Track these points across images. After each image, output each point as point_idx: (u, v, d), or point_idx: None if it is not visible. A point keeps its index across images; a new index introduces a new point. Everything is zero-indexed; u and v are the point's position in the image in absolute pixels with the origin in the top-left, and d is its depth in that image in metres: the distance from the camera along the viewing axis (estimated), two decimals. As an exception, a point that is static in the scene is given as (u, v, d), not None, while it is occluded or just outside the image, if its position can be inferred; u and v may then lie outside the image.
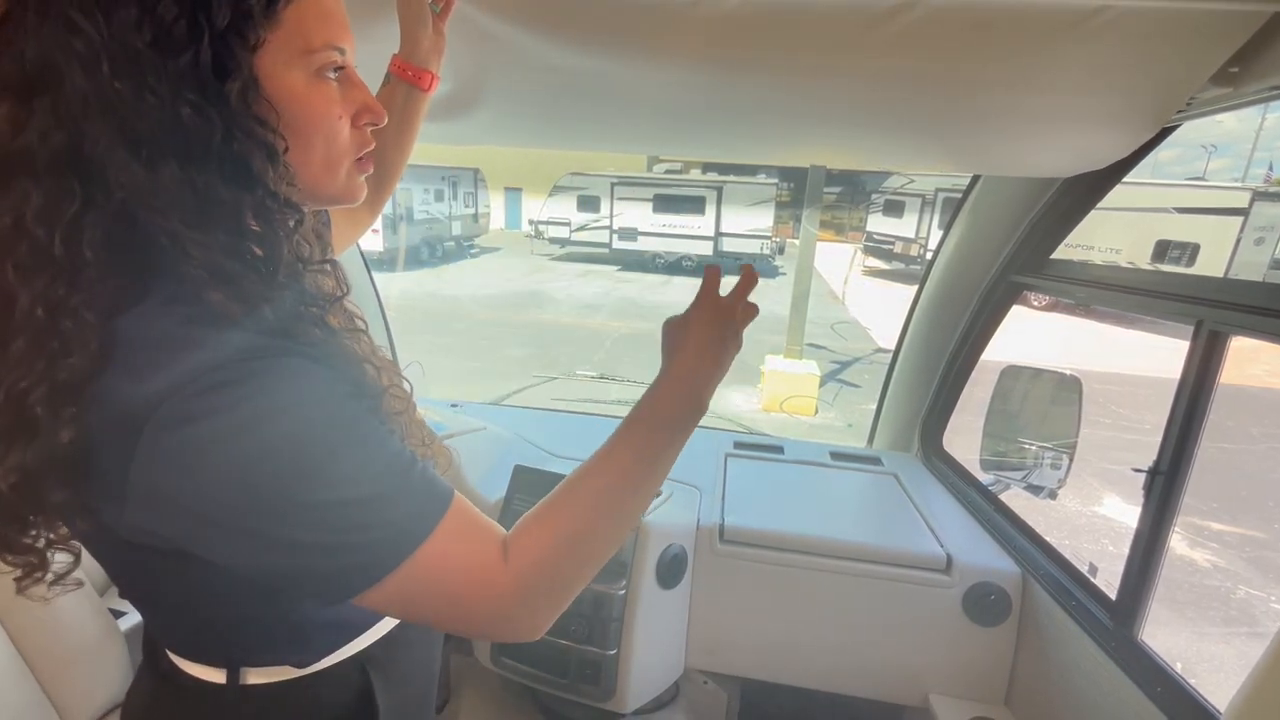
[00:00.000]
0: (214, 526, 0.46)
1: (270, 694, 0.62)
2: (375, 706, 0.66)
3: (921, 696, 1.46)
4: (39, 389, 0.43)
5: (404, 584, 0.50)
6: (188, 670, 0.62)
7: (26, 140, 0.41)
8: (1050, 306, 11.45)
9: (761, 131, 1.32)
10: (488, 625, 0.57)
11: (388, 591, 0.50)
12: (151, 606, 0.62)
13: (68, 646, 1.09)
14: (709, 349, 0.65)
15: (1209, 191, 11.09)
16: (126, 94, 0.41)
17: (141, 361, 0.45)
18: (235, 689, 0.61)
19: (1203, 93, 0.91)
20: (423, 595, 0.52)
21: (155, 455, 0.44)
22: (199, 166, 0.44)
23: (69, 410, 0.44)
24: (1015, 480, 1.64)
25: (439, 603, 0.53)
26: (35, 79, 0.41)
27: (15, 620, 1.04)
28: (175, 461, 0.44)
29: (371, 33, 0.92)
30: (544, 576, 0.57)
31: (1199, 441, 1.05)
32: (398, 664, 0.70)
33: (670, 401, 0.64)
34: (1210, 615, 3.58)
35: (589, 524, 0.60)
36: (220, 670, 0.61)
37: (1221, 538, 4.36)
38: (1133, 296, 1.24)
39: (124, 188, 0.43)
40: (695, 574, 1.52)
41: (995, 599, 1.40)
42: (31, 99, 0.41)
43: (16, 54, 0.41)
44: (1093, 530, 4.41)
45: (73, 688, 1.08)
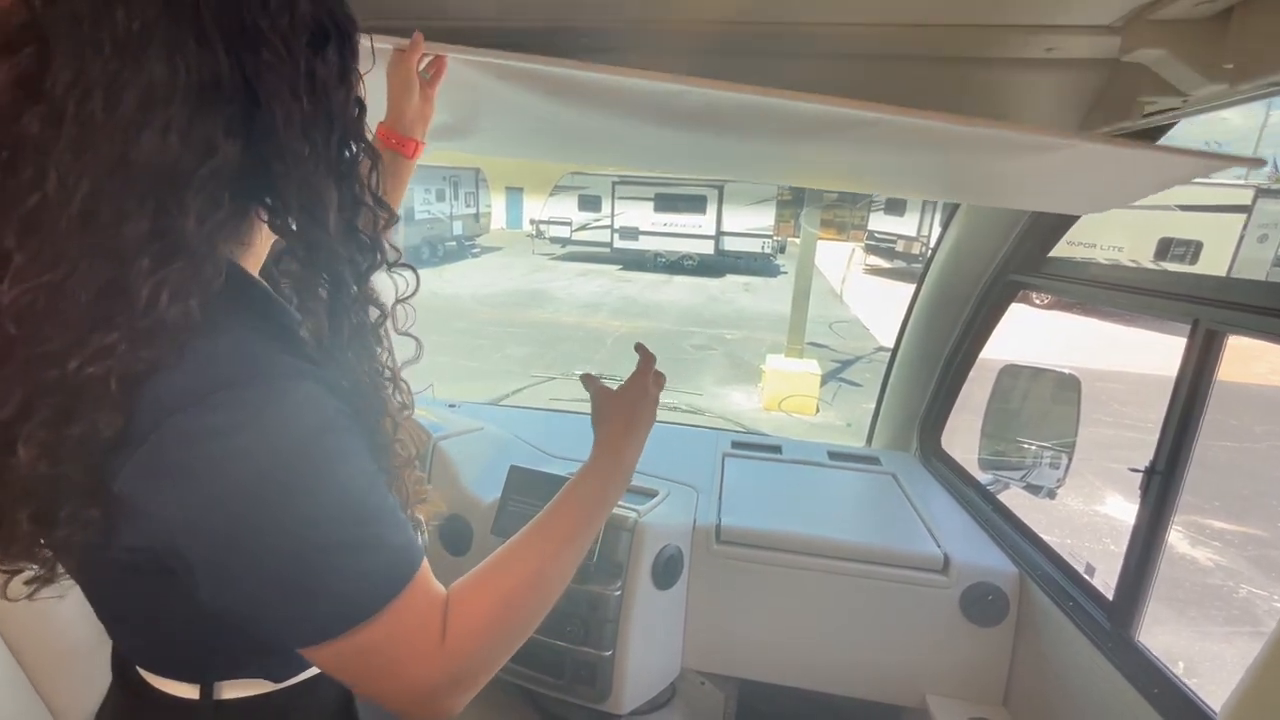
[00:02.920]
0: (192, 544, 0.46)
1: (245, 709, 0.59)
2: (356, 718, 0.64)
3: (919, 697, 1.45)
4: (112, 373, 0.43)
5: (354, 641, 0.49)
6: (159, 687, 0.60)
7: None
8: (1051, 304, 11.42)
9: (755, 158, 1.34)
10: (411, 700, 0.53)
11: (336, 648, 0.49)
12: (122, 622, 0.60)
13: (61, 649, 1.09)
14: (630, 421, 0.76)
15: (1212, 188, 11.04)
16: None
17: (194, 363, 0.45)
18: (209, 704, 0.58)
19: (1197, 90, 0.90)
20: (363, 657, 0.50)
21: (159, 458, 0.45)
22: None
23: (126, 402, 0.44)
24: (1014, 480, 1.63)
25: (375, 670, 0.51)
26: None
27: (8, 623, 1.03)
28: (178, 471, 0.45)
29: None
30: (479, 648, 0.56)
31: (1196, 440, 1.05)
32: None
33: (606, 476, 0.71)
34: (1212, 615, 3.56)
35: (524, 592, 0.60)
36: (194, 686, 0.59)
37: (1223, 536, 4.34)
38: (1130, 295, 1.23)
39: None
40: (692, 574, 1.52)
41: (993, 599, 1.39)
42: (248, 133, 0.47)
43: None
44: (1094, 529, 4.40)
45: (66, 690, 1.08)
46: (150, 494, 0.45)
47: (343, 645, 0.49)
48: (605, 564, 1.43)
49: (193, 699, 0.59)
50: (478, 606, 0.57)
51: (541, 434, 1.91)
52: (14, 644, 1.04)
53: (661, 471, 1.73)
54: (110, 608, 0.59)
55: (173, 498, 0.45)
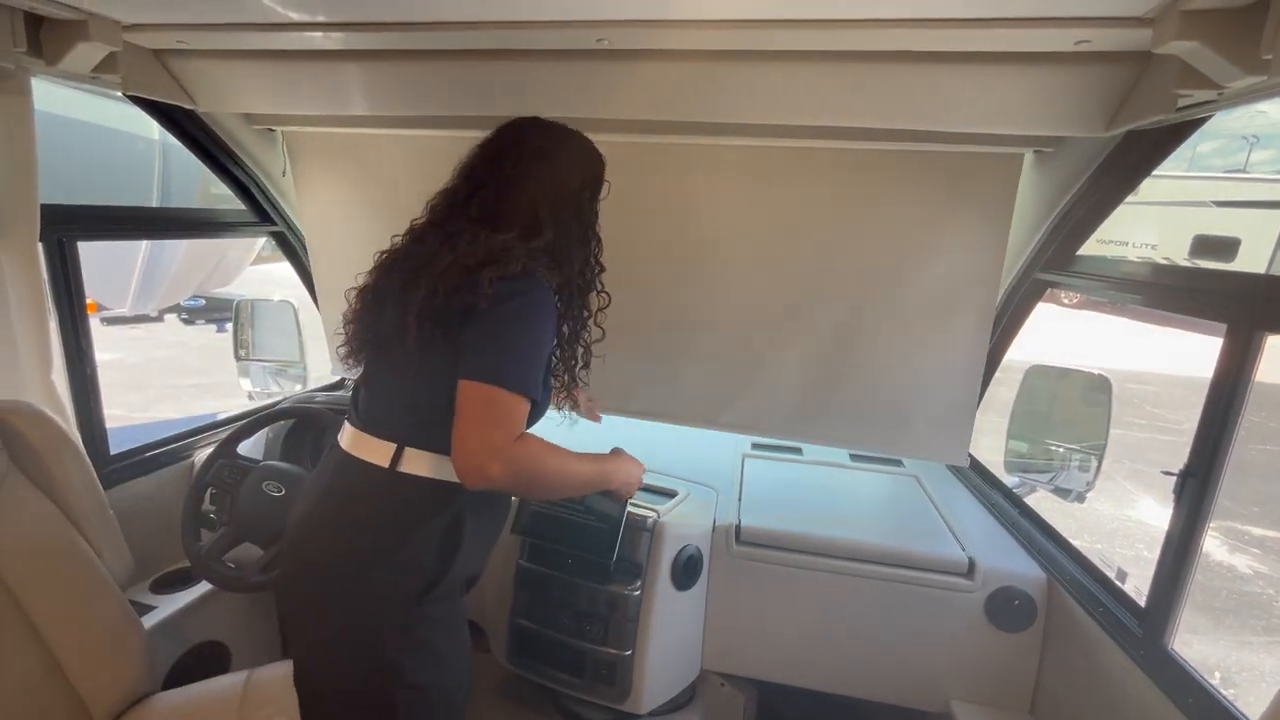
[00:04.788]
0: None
1: (410, 481, 0.96)
2: (464, 523, 0.98)
3: (943, 703, 1.43)
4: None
5: (494, 395, 0.88)
6: (361, 455, 0.99)
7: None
8: (1081, 304, 11.15)
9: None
10: (476, 452, 0.86)
11: (482, 390, 0.88)
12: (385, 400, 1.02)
13: (93, 641, 1.12)
14: (623, 476, 1.20)
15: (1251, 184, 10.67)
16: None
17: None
18: (392, 472, 0.96)
19: (1234, 82, 0.88)
20: (487, 408, 0.88)
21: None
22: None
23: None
24: (1041, 483, 1.60)
25: (477, 419, 0.88)
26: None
27: (43, 616, 1.07)
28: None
29: None
30: (520, 466, 0.90)
31: (1233, 443, 1.01)
32: (480, 506, 1.01)
33: (606, 474, 1.16)
34: (1251, 624, 3.44)
35: (553, 469, 0.98)
36: (389, 449, 0.97)
37: (1263, 543, 4.19)
38: (1163, 294, 1.20)
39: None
40: (712, 575, 1.51)
41: (1019, 604, 1.37)
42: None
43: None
44: (1125, 535, 4.28)
45: (98, 681, 1.11)
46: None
47: (485, 390, 0.88)
48: (625, 564, 1.43)
49: (381, 464, 0.97)
50: (540, 450, 0.94)
51: (564, 438, 1.92)
52: (49, 636, 1.07)
53: (681, 472, 1.72)
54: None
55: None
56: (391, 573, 0.94)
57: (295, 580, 1.01)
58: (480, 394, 0.88)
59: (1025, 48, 1.08)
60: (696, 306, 1.71)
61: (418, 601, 0.95)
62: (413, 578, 0.95)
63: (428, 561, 0.96)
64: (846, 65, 1.18)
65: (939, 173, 1.48)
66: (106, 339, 6.85)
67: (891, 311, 1.61)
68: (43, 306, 1.27)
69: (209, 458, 1.47)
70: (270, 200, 1.92)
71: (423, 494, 0.96)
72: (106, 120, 4.28)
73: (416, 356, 0.94)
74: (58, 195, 1.32)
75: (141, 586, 1.53)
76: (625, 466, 1.19)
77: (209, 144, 1.71)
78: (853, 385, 1.68)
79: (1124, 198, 1.33)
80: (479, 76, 1.32)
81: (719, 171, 1.60)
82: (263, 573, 1.32)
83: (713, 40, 1.15)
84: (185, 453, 1.70)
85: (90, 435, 1.45)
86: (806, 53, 1.18)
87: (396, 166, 1.76)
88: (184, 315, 8.18)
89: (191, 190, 5.02)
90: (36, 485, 1.12)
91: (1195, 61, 0.90)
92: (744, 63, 1.21)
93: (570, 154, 1.09)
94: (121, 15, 1.18)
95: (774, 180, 1.57)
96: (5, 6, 1.10)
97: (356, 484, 0.98)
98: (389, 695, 0.93)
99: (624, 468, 1.19)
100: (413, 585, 0.95)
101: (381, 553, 0.94)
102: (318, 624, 0.98)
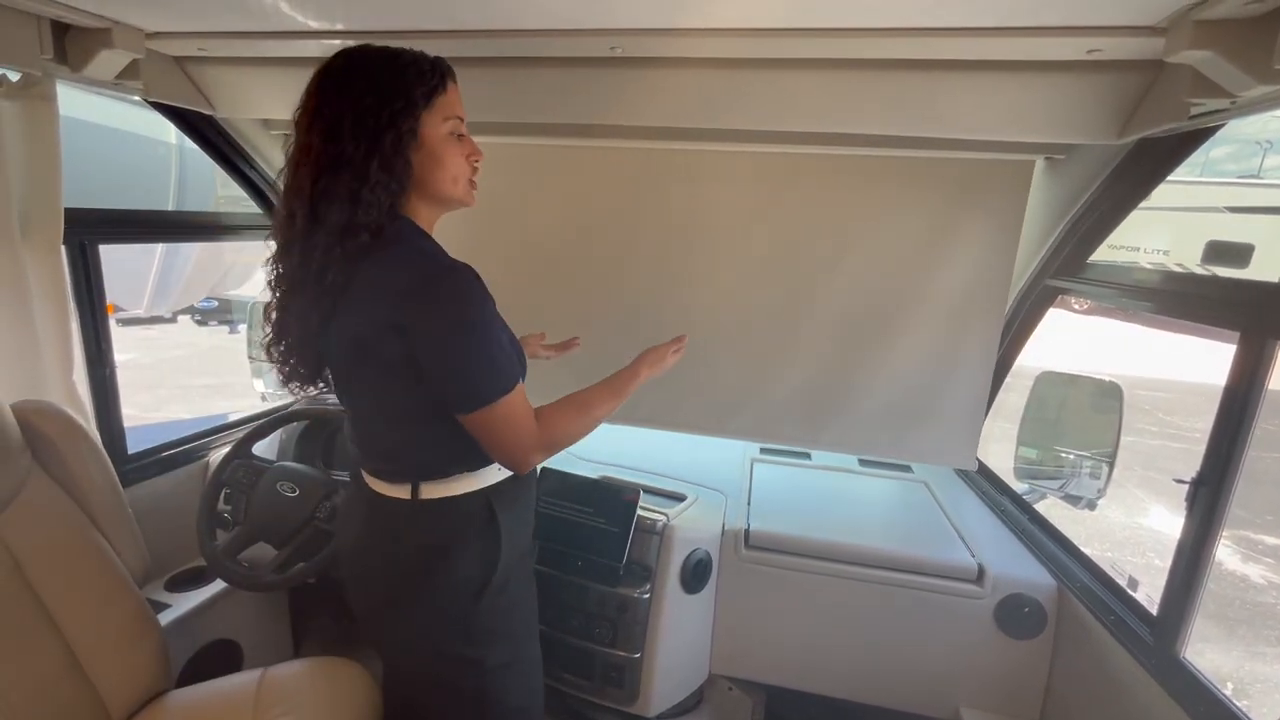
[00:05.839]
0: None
1: (436, 505, 0.97)
2: (497, 519, 1.00)
3: (952, 710, 1.43)
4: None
5: (497, 412, 0.89)
6: (384, 492, 0.99)
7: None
8: (1091, 309, 11.07)
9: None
10: (518, 456, 0.94)
11: (483, 413, 0.88)
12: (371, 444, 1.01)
13: (112, 638, 1.14)
14: (650, 363, 1.17)
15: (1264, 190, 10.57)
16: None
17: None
18: (416, 501, 0.97)
19: (1247, 91, 0.88)
20: (500, 425, 0.90)
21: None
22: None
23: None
24: (1051, 489, 1.59)
25: (500, 431, 0.90)
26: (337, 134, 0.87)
27: (63, 612, 1.09)
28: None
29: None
30: (555, 439, 0.98)
31: (1246, 451, 1.01)
32: (506, 497, 1.03)
33: (629, 374, 1.14)
34: (1265, 634, 3.41)
35: (582, 419, 1.03)
36: (406, 487, 0.97)
37: (1277, 553, 4.15)
38: (1175, 301, 1.20)
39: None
40: (720, 579, 1.51)
41: (1029, 612, 1.36)
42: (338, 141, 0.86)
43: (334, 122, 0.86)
44: (1136, 543, 4.24)
45: (116, 679, 1.13)
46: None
47: (494, 411, 0.88)
48: (634, 566, 1.44)
49: (405, 498, 0.97)
50: (558, 410, 1.00)
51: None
52: (69, 632, 1.09)
53: (690, 475, 1.73)
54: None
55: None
56: (442, 586, 0.97)
57: (357, 600, 1.06)
58: (485, 419, 0.89)
59: (1037, 56, 1.09)
60: (704, 313, 1.72)
61: (477, 600, 0.99)
62: (464, 584, 0.98)
63: (474, 565, 0.99)
64: (858, 73, 1.18)
65: (950, 179, 1.49)
66: (119, 340, 6.92)
67: (901, 317, 1.61)
68: (65, 308, 1.29)
69: (225, 458, 1.49)
70: (285, 204, 1.95)
71: (451, 510, 0.98)
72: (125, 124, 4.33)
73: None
74: (77, 198, 1.34)
75: (157, 585, 1.55)
76: (643, 369, 1.15)
77: (227, 149, 1.73)
78: (862, 391, 1.68)
79: (1136, 205, 1.33)
80: (494, 83, 1.34)
81: (729, 178, 1.61)
82: (276, 572, 1.33)
83: (726, 48, 1.16)
84: (200, 453, 1.73)
85: (109, 435, 1.47)
86: (819, 60, 1.19)
87: None
88: (197, 316, 8.26)
89: (207, 194, 5.08)
90: (59, 484, 1.14)
91: (1208, 71, 0.91)
92: (756, 70, 1.22)
93: None
94: (144, 23, 1.21)
95: (785, 187, 1.58)
96: (32, 15, 1.12)
97: (389, 515, 1.00)
98: (478, 683, 1.01)
99: (642, 371, 1.15)
100: (466, 590, 0.98)
101: (429, 572, 0.97)
102: (391, 639, 1.05)
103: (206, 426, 1.82)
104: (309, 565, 1.33)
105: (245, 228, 1.98)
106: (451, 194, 0.96)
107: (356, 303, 0.88)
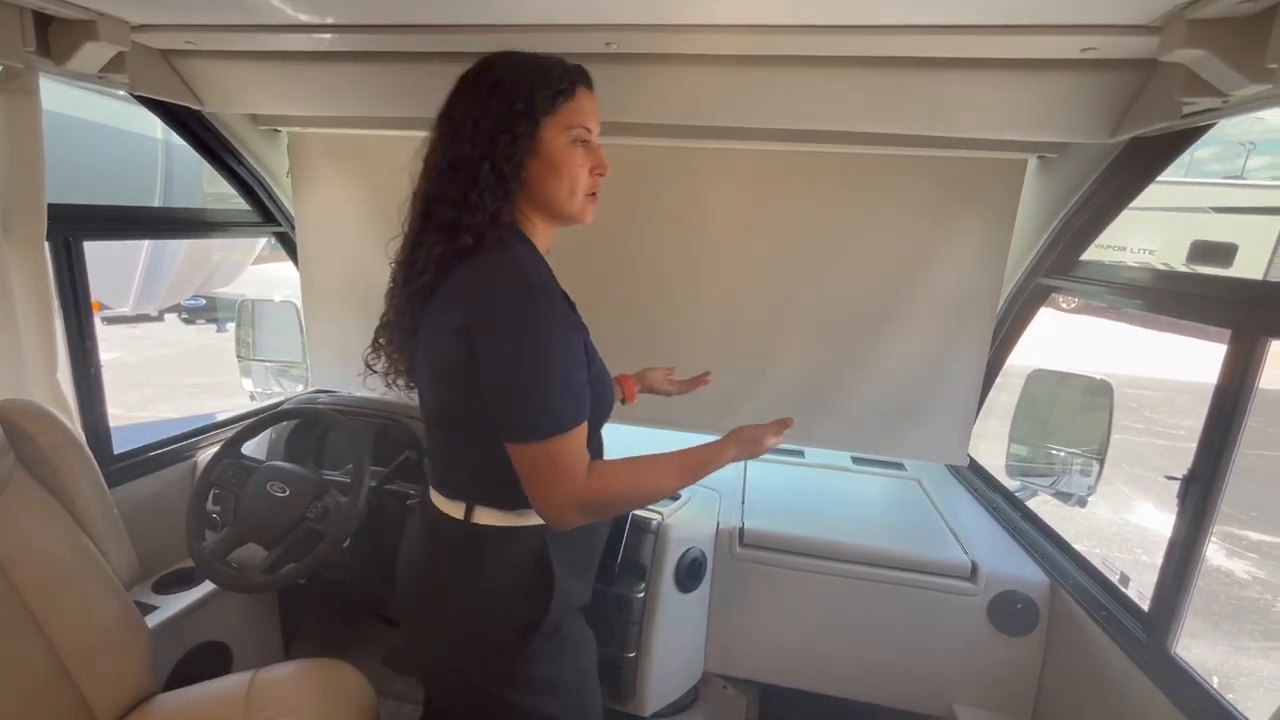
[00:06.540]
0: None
1: (488, 532, 0.92)
2: (551, 566, 0.92)
3: (945, 706, 1.43)
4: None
5: (542, 450, 0.80)
6: (440, 507, 0.95)
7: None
8: (1078, 308, 11.18)
9: None
10: (552, 507, 0.82)
11: (533, 450, 0.80)
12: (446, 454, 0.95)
13: (98, 641, 1.12)
14: (742, 444, 0.98)
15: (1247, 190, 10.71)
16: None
17: None
18: (468, 524, 0.92)
19: (1239, 90, 0.88)
20: (542, 466, 0.81)
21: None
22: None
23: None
24: (1043, 487, 1.60)
25: (543, 475, 0.81)
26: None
27: (49, 615, 1.07)
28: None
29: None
30: (599, 503, 0.84)
31: (1236, 448, 1.02)
32: (565, 544, 0.95)
33: (712, 454, 0.96)
34: (1249, 629, 3.45)
35: (638, 491, 0.89)
36: (460, 506, 0.92)
37: (1260, 548, 4.21)
38: (1167, 300, 1.21)
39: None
40: (715, 578, 1.51)
41: (1022, 608, 1.37)
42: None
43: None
44: (1124, 540, 4.29)
45: (103, 682, 1.11)
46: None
47: (539, 449, 0.80)
48: (629, 565, 1.43)
49: (459, 518, 0.92)
50: (613, 471, 0.87)
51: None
52: (55, 635, 1.07)
53: (684, 474, 1.73)
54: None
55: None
56: (485, 616, 0.92)
57: (402, 615, 1.03)
58: (528, 455, 0.81)
59: (1032, 54, 1.09)
60: (699, 310, 1.71)
61: (524, 641, 0.92)
62: (508, 619, 0.92)
63: (520, 602, 0.92)
64: (853, 70, 1.18)
65: (944, 177, 1.49)
66: (105, 338, 6.83)
67: (895, 315, 1.62)
68: (49, 306, 1.27)
69: (214, 457, 1.47)
70: (274, 200, 1.93)
71: (502, 542, 0.92)
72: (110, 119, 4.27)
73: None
74: (61, 194, 1.32)
75: (144, 586, 1.52)
76: (731, 450, 0.97)
77: (214, 144, 1.71)
78: (856, 388, 1.68)
79: (1128, 204, 1.34)
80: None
81: (723, 175, 1.61)
82: (266, 573, 1.32)
83: (721, 45, 1.15)
84: (188, 453, 1.70)
85: (94, 434, 1.45)
86: (813, 58, 1.18)
87: (399, 171, 1.76)
88: (184, 315, 8.17)
89: (194, 190, 5.02)
90: (43, 485, 1.12)
91: (1201, 70, 0.91)
92: (751, 67, 1.21)
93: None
94: (130, 15, 1.18)
95: (779, 184, 1.58)
96: (13, 6, 1.10)
97: (442, 532, 0.95)
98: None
99: (729, 453, 0.97)
100: (510, 626, 0.92)
101: (471, 597, 0.92)
102: (428, 662, 1.00)
103: (194, 426, 1.80)
104: (299, 566, 1.31)
105: (233, 225, 1.96)
106: (566, 208, 0.91)
107: (439, 304, 0.86)
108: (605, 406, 0.95)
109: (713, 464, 0.95)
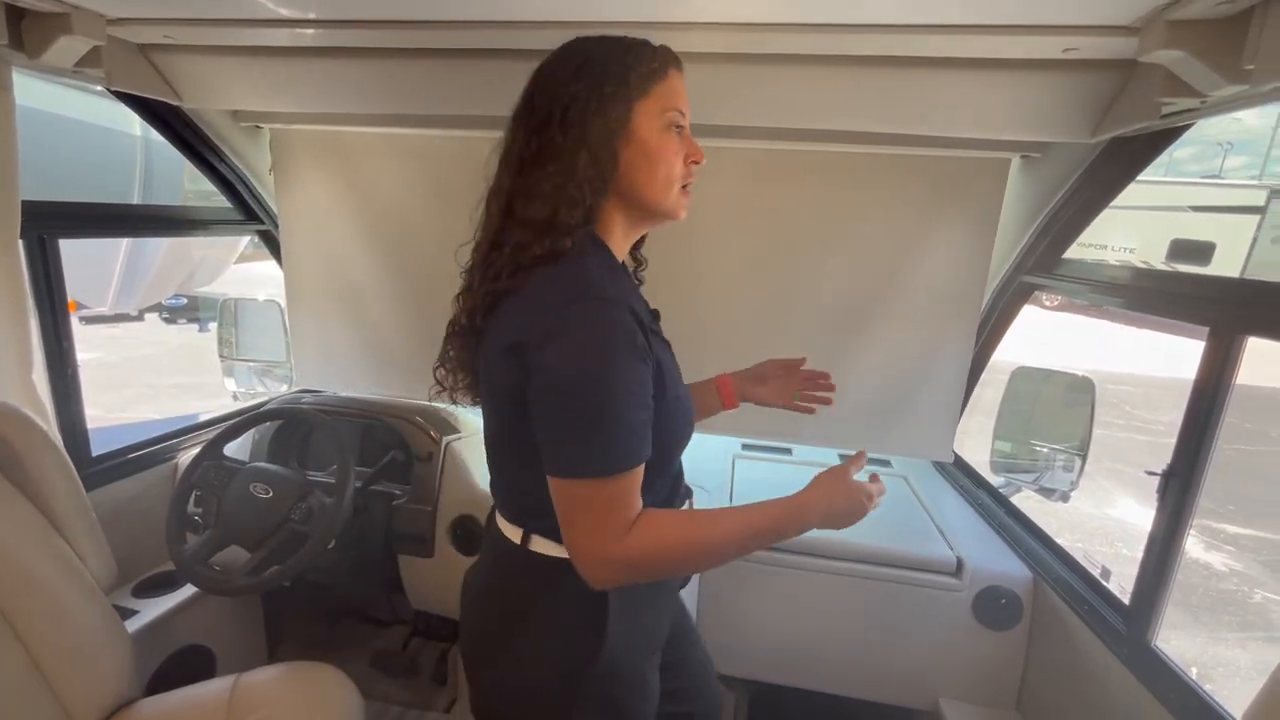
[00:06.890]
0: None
1: (546, 562, 0.83)
2: (608, 613, 0.82)
3: (932, 700, 1.45)
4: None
5: (580, 491, 0.72)
6: (501, 528, 0.88)
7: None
8: (1062, 306, 11.33)
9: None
10: (583, 557, 0.74)
11: (572, 487, 0.72)
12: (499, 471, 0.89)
13: (75, 646, 1.10)
14: (834, 508, 0.84)
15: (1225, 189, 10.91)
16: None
17: None
18: (524, 550, 0.84)
19: (1217, 91, 0.90)
20: (579, 508, 0.72)
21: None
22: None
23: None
24: (1026, 482, 1.62)
25: (580, 520, 0.73)
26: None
27: (24, 621, 1.05)
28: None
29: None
30: (639, 563, 0.73)
31: (1214, 443, 1.03)
32: (627, 592, 0.84)
33: (789, 515, 0.82)
34: (1226, 620, 3.52)
35: (690, 553, 0.77)
36: (518, 531, 0.85)
37: (1238, 541, 4.29)
38: (1147, 297, 1.23)
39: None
40: (703, 576, 1.51)
41: (1006, 603, 1.39)
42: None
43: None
44: (1105, 533, 4.36)
45: (81, 688, 1.09)
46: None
47: (576, 488, 0.71)
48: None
49: (517, 543, 0.85)
50: (663, 529, 0.75)
51: None
52: (30, 641, 1.05)
53: (672, 473, 1.73)
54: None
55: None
56: (533, 649, 0.84)
57: (462, 636, 0.96)
58: (564, 493, 0.73)
59: (1014, 54, 1.10)
60: (685, 308, 1.71)
61: (575, 681, 0.83)
62: (558, 655, 0.84)
63: (572, 641, 0.83)
64: (839, 69, 1.19)
65: (928, 176, 1.50)
66: (84, 338, 6.72)
67: (881, 312, 1.62)
68: (23, 305, 1.24)
69: (195, 459, 1.45)
70: (257, 198, 1.90)
71: (555, 571, 0.82)
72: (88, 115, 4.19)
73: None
74: (36, 191, 1.29)
75: (123, 590, 1.50)
76: (813, 517, 0.82)
77: (195, 141, 1.68)
78: (843, 386, 1.69)
79: (1109, 203, 1.36)
80: (472, 75, 1.31)
81: (709, 174, 1.60)
82: (249, 576, 1.30)
83: (708, 43, 1.15)
84: (169, 454, 1.68)
85: (71, 436, 1.42)
86: (799, 56, 1.19)
87: (381, 168, 1.75)
88: (165, 314, 8.05)
89: (175, 187, 4.94)
90: (17, 488, 1.10)
91: (1179, 70, 0.92)
92: (738, 66, 1.21)
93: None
94: (106, 9, 1.16)
95: (764, 183, 1.58)
96: (-15, -2, 1.08)
97: (502, 553, 0.89)
98: None
99: (811, 518, 0.82)
100: (558, 662, 0.84)
101: (532, 628, 0.84)
102: (475, 683, 0.92)
103: (176, 427, 1.77)
104: (283, 568, 1.30)
105: (214, 222, 1.93)
106: (660, 202, 0.82)
107: (502, 312, 0.79)
108: (681, 434, 0.87)
109: (790, 533, 0.81)
